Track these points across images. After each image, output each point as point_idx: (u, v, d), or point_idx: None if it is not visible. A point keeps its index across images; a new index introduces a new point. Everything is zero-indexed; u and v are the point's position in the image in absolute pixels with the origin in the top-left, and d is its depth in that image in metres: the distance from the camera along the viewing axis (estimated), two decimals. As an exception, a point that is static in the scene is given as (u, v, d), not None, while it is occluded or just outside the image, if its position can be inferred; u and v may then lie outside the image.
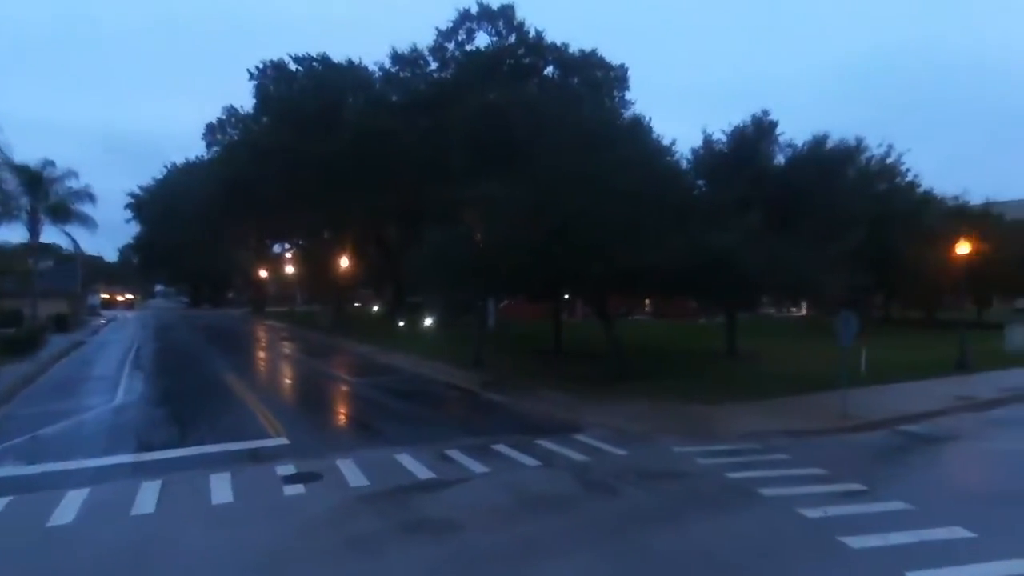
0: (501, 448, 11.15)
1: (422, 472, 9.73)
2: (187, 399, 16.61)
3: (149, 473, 9.62)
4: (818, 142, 22.69)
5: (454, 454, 10.76)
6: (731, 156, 21.46)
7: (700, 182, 21.37)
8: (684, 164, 20.02)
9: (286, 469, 9.83)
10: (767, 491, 8.73)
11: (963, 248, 22.06)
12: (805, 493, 8.65)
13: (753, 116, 22.11)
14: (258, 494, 8.75)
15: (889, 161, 33.03)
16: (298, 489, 8.91)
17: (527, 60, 34.96)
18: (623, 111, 26.59)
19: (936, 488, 9.26)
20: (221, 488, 8.87)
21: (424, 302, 34.72)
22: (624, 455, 10.77)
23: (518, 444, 11.38)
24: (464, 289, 18.76)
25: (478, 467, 10.01)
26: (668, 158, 16.45)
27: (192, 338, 38.26)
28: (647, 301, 41.06)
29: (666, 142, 17.06)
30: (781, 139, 22.30)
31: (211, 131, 51.11)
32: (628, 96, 36.20)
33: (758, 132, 21.96)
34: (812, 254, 15.92)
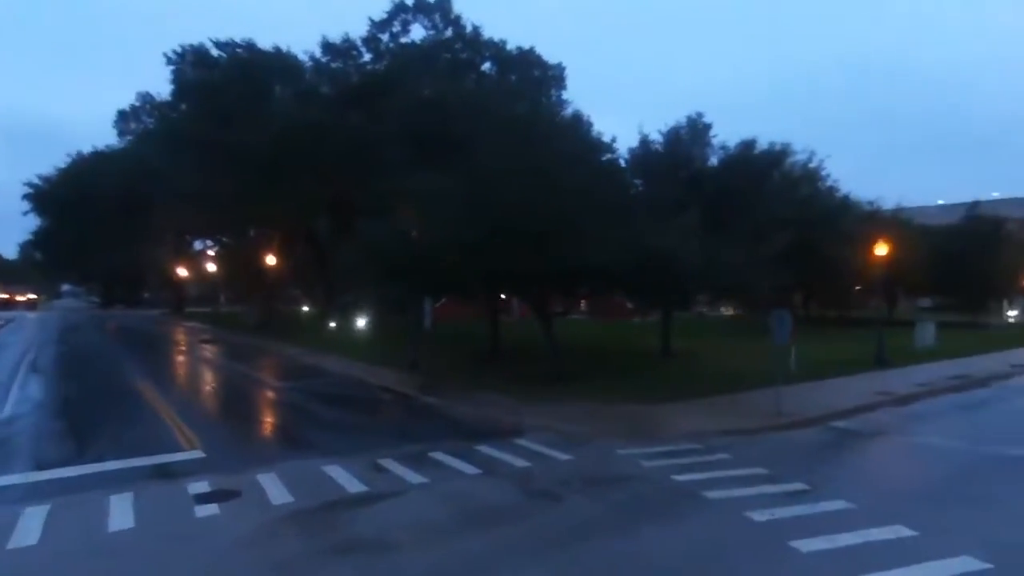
0: (439, 456, 10.55)
1: (353, 485, 9.01)
2: (89, 409, 15.07)
3: (35, 496, 8.45)
4: (747, 146, 23.35)
5: (388, 464, 10.08)
6: (667, 156, 21.67)
7: (637, 182, 21.45)
8: (622, 163, 19.99)
9: (199, 486, 8.87)
10: (713, 494, 8.55)
11: (881, 250, 23.21)
12: (750, 495, 8.52)
13: (688, 117, 22.44)
14: (164, 517, 7.79)
15: (811, 166, 34.47)
16: (212, 509, 8.01)
17: (464, 55, 34.35)
18: (561, 110, 26.41)
19: (873, 485, 9.37)
20: (121, 511, 7.84)
21: (357, 301, 33.51)
22: (568, 460, 10.40)
23: (457, 451, 10.81)
24: (399, 287, 17.99)
25: (415, 477, 9.37)
26: (609, 155, 16.33)
27: (100, 340, 35.44)
28: (582, 301, 41.37)
29: (605, 140, 16.89)
30: (714, 141, 22.76)
31: (124, 119, 47.76)
32: (565, 96, 36.23)
33: (693, 133, 22.28)
34: (747, 254, 16.14)
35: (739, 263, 15.94)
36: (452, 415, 14.33)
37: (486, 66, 35.47)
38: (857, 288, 40.48)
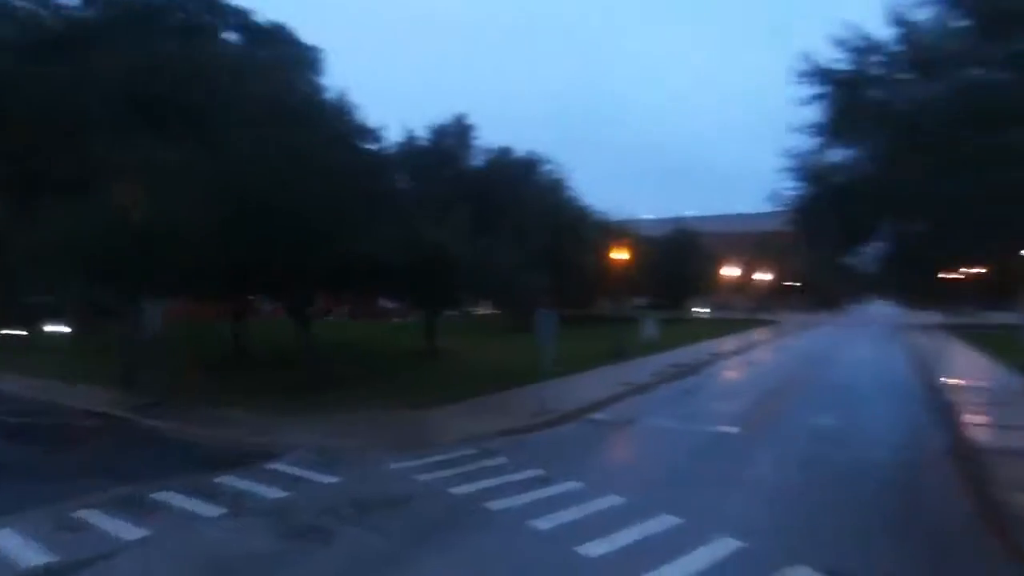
0: (166, 496, 8.39)
1: (33, 555, 6.55)
2: None
3: None
4: (504, 152, 24.30)
5: (91, 516, 7.66)
6: (433, 153, 21.30)
7: (404, 176, 20.63)
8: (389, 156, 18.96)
9: None
10: (495, 505, 8.11)
11: (620, 255, 26.02)
12: (531, 501, 8.28)
13: (454, 116, 22.38)
14: None
15: (557, 177, 37.57)
16: None
17: (204, 19, 29.77)
18: (321, 92, 24.37)
19: (636, 475, 9.90)
20: None
21: (50, 302, 26.83)
22: (335, 483, 9.10)
23: (192, 487, 8.74)
24: (107, 285, 14.46)
25: (131, 531, 7.21)
26: (377, 143, 15.15)
27: None
28: (341, 301, 39.15)
29: (371, 127, 15.65)
30: (477, 144, 23.07)
31: None
32: (323, 82, 33.68)
33: (458, 133, 22.28)
34: (514, 255, 16.42)
35: (507, 262, 16.12)
36: (184, 440, 11.82)
37: (231, 36, 31.27)
38: (588, 288, 45.54)
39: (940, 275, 26.76)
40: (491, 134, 28.08)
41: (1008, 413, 13.73)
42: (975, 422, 13.31)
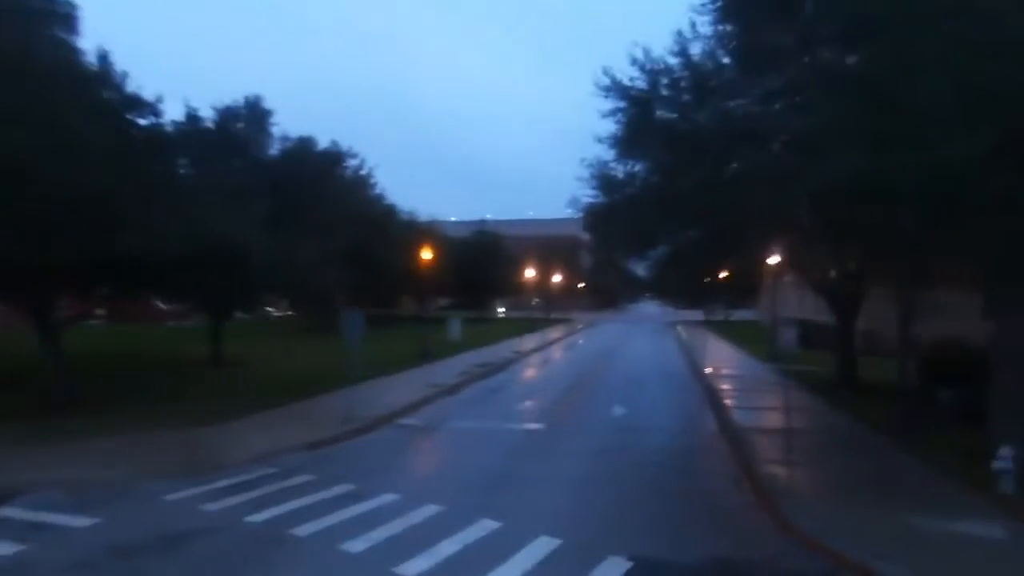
0: None
1: None
2: None
3: None
4: (306, 141, 22.71)
5: None
6: (221, 136, 18.99)
7: (184, 160, 18.07)
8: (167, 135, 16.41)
9: None
10: (302, 530, 7.28)
11: (427, 255, 25.77)
12: (342, 521, 7.60)
13: (246, 98, 20.21)
14: None
15: (362, 173, 36.39)
16: None
17: None
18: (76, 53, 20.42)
19: (451, 480, 9.65)
20: None
21: None
22: (91, 526, 7.43)
23: None
24: None
25: None
26: (153, 117, 12.86)
27: None
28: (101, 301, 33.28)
29: (146, 99, 13.28)
30: (275, 130, 21.15)
31: None
32: (78, 42, 28.31)
33: (253, 117, 20.18)
34: (317, 251, 15.23)
35: (310, 260, 14.89)
36: None
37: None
38: (393, 288, 44.84)
39: (701, 278, 31.03)
40: (290, 125, 26.05)
41: (758, 397, 16.17)
42: (735, 405, 15.46)
